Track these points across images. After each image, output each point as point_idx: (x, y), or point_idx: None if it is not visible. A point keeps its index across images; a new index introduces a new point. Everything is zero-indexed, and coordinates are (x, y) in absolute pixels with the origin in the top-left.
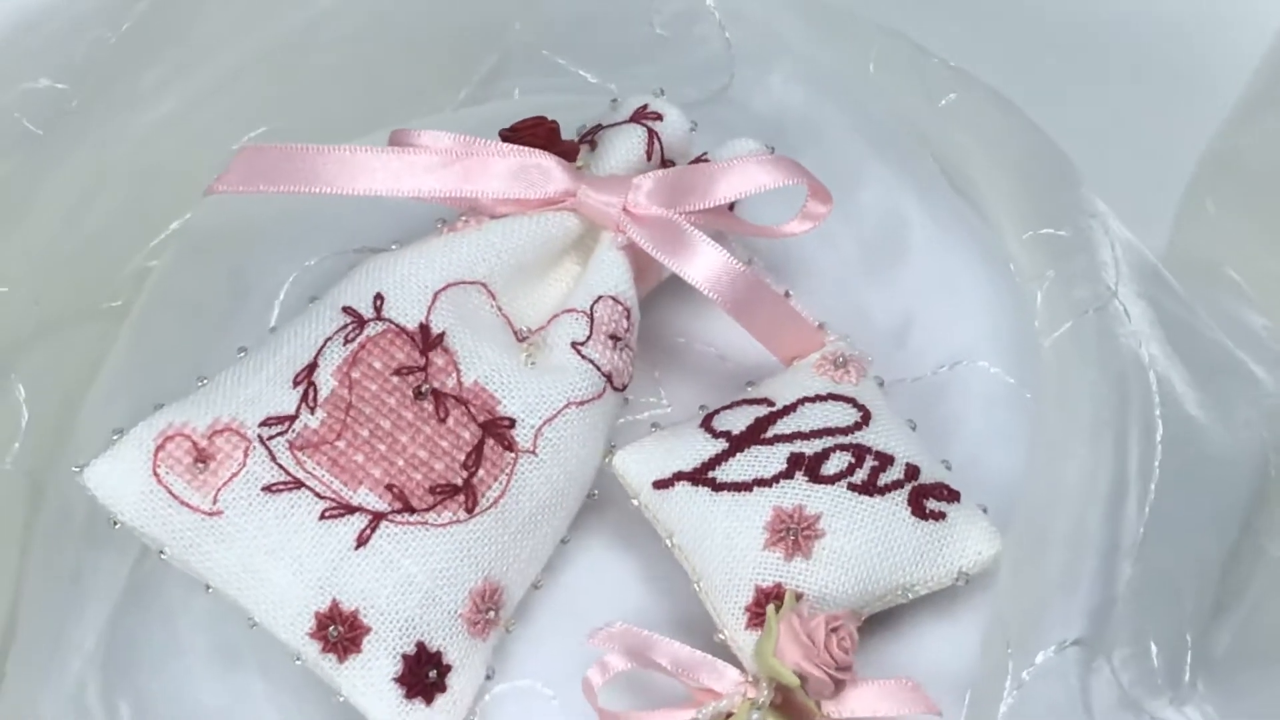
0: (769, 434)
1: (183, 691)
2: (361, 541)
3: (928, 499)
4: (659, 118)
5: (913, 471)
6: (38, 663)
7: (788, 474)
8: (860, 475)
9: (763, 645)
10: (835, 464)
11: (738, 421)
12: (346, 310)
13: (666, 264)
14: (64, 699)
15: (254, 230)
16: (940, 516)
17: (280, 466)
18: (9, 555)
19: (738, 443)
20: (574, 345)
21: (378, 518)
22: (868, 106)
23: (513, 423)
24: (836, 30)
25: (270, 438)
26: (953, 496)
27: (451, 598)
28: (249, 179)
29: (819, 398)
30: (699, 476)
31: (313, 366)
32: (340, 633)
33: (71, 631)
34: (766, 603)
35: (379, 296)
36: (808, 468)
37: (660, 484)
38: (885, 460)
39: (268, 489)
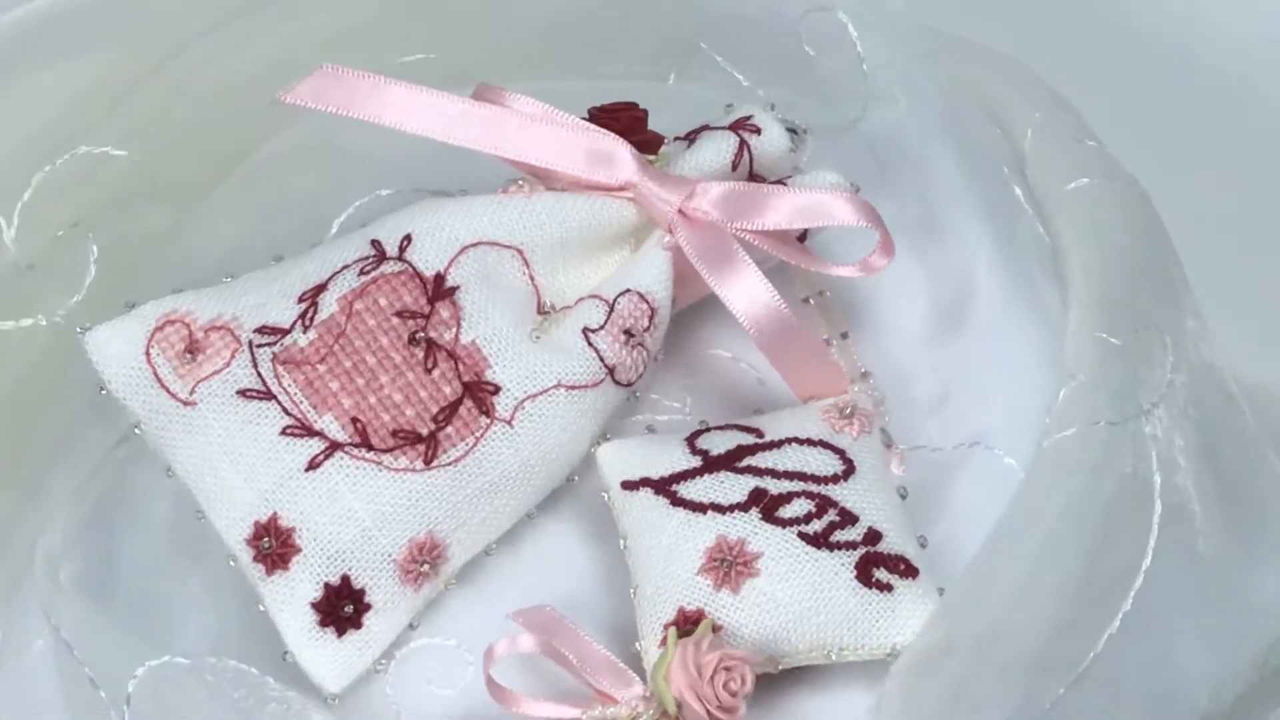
0: (743, 463)
1: (124, 568)
2: (313, 465)
3: (878, 568)
4: (757, 131)
5: (873, 537)
6: (16, 506)
7: (744, 507)
8: (815, 526)
9: (657, 665)
10: (794, 509)
11: (720, 444)
12: (374, 243)
13: (704, 276)
14: (21, 545)
15: (347, 150)
16: (887, 588)
17: (259, 374)
18: (43, 401)
19: (711, 464)
20: (585, 330)
21: (334, 446)
22: (989, 169)
23: (497, 389)
24: (994, 79)
25: (259, 345)
26: (910, 572)
27: (389, 541)
28: (319, 97)
29: (809, 442)
30: (662, 487)
31: (321, 288)
32: (273, 546)
33: (50, 483)
34: (685, 625)
35: (408, 237)
36: (765, 506)
37: (628, 485)
38: (848, 518)
39: (241, 393)
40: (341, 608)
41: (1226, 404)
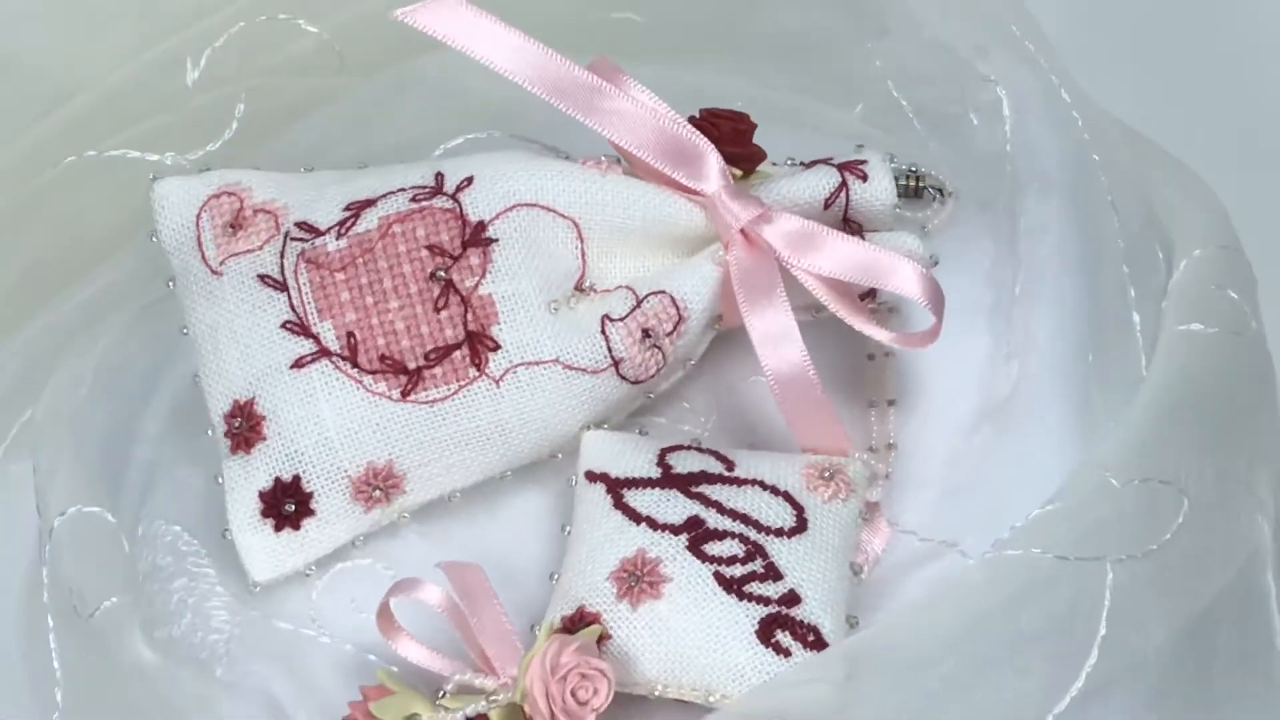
0: (698, 489)
1: (124, 426)
2: (298, 364)
3: (783, 630)
4: (864, 178)
5: (790, 599)
6: (68, 323)
7: (676, 530)
8: (734, 571)
9: (528, 653)
10: (721, 548)
11: (687, 464)
12: (437, 175)
13: (738, 300)
14: (61, 360)
15: (479, 83)
16: (785, 653)
17: (282, 265)
18: (132, 231)
19: (669, 481)
20: (604, 317)
21: (323, 352)
22: (1111, 285)
23: (497, 346)
24: (1177, 195)
25: (294, 238)
26: (817, 645)
27: (348, 456)
28: (436, 24)
29: (773, 490)
30: (614, 487)
31: (369, 203)
32: (242, 427)
33: (92, 327)
34: (581, 624)
35: (469, 179)
36: (696, 536)
37: (590, 475)
38: (771, 574)
39: (261, 277)
40: (284, 504)
41: (1249, 585)
